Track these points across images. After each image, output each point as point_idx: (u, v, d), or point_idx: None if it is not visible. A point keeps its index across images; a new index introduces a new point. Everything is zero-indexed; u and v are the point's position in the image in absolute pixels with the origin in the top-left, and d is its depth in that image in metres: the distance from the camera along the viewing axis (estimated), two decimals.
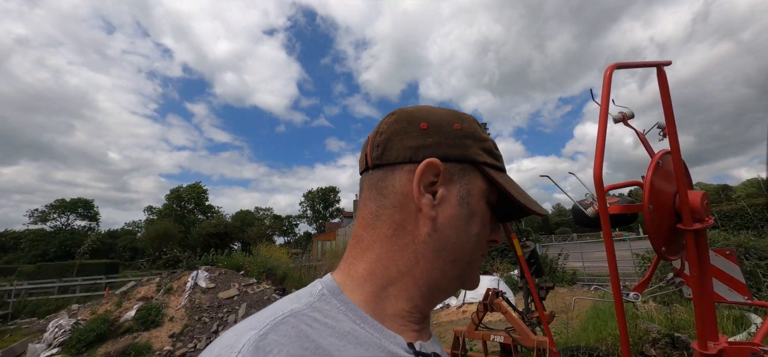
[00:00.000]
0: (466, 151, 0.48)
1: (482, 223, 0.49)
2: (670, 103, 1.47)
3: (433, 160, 0.45)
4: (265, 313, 0.40)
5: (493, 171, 0.50)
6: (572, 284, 11.26)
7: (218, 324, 8.26)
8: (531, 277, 3.28)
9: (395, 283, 0.46)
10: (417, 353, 0.44)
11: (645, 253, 8.15)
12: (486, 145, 0.51)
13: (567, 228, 56.42)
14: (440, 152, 0.47)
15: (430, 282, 0.47)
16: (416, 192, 0.45)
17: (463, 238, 0.47)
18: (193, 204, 59.02)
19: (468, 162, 0.48)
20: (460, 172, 0.48)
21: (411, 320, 0.47)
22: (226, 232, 44.58)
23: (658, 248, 1.52)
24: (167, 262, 24.02)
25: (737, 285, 2.08)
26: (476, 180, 0.49)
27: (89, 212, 55.38)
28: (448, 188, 0.47)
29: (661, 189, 1.53)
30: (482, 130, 0.53)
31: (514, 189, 0.51)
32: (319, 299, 0.43)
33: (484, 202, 0.49)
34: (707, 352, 1.54)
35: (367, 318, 0.43)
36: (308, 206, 72.43)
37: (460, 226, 0.47)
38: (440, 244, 0.46)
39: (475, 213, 0.48)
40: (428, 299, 0.48)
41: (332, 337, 0.38)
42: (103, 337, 7.52)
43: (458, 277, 0.49)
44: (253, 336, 0.35)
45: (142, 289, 9.42)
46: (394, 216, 0.47)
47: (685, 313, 4.47)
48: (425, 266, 0.46)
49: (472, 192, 0.48)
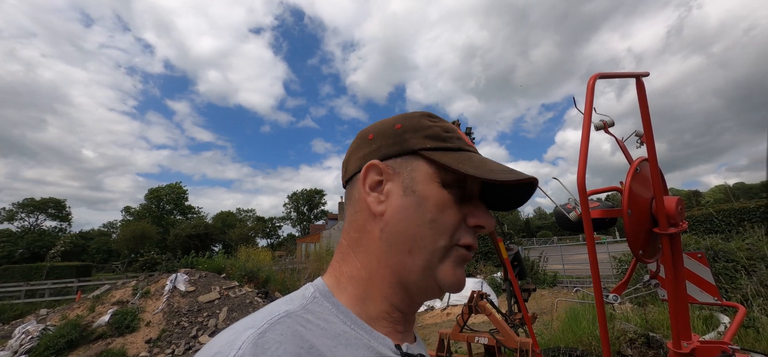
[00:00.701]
0: (406, 144, 0.50)
1: (437, 207, 0.47)
2: (647, 113, 1.54)
3: (371, 162, 0.50)
4: (261, 314, 0.41)
5: (437, 153, 0.49)
6: (553, 286, 11.53)
7: (198, 328, 8.03)
8: (515, 279, 3.34)
9: (371, 285, 0.49)
10: (404, 354, 0.46)
11: (622, 256, 8.43)
12: (430, 132, 0.51)
13: (548, 231, 57.78)
14: (381, 153, 0.51)
15: (397, 278, 0.48)
16: (362, 193, 0.50)
17: (414, 226, 0.47)
18: (173, 204, 57.32)
19: (408, 153, 0.50)
20: (403, 164, 0.50)
21: (393, 321, 0.49)
22: (207, 234, 43.46)
23: (635, 251, 1.58)
24: (144, 265, 23.21)
25: (708, 286, 2.18)
26: (420, 166, 0.49)
27: (60, 212, 52.96)
28: (393, 182, 0.49)
29: (639, 194, 1.60)
30: (431, 120, 0.53)
31: (471, 163, 0.48)
32: (312, 301, 0.46)
33: (435, 186, 0.48)
34: (681, 351, 1.61)
35: (356, 320, 0.46)
36: (292, 208, 71.54)
37: (410, 215, 0.47)
38: (393, 238, 0.48)
39: (425, 198, 0.47)
40: (402, 297, 0.49)
41: (324, 338, 0.41)
42: (74, 343, 7.18)
43: (424, 268, 0.47)
44: (252, 334, 0.37)
45: (117, 293, 9.07)
46: (358, 220, 0.51)
47: (659, 313, 4.65)
48: (387, 263, 0.48)
49: (416, 178, 0.48)
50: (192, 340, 7.59)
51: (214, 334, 7.85)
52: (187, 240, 39.11)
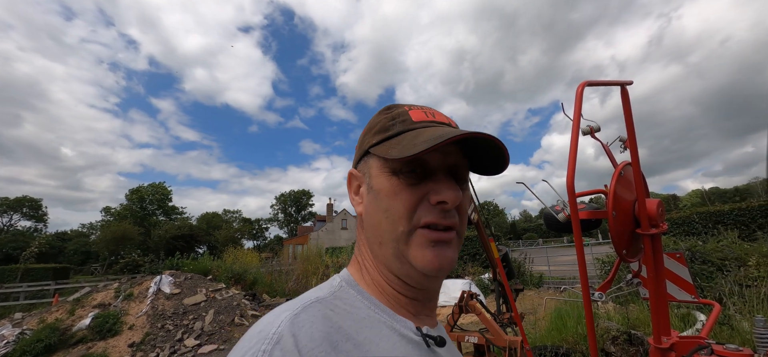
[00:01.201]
0: (363, 146, 0.57)
1: (389, 195, 0.50)
2: (631, 119, 1.61)
3: (350, 171, 0.60)
4: (296, 301, 0.48)
5: (378, 146, 0.53)
6: (539, 286, 11.76)
7: (183, 331, 7.86)
8: (506, 279, 3.42)
9: (375, 275, 0.55)
10: (424, 335, 0.50)
11: (605, 257, 8.68)
12: (378, 126, 0.56)
13: (534, 233, 58.78)
14: (354, 161, 0.60)
15: (385, 268, 0.54)
16: (350, 199, 0.59)
17: (376, 220, 0.52)
18: (156, 205, 55.86)
19: (365, 154, 0.57)
20: (364, 166, 0.57)
21: (403, 304, 0.54)
22: (192, 235, 42.52)
23: (619, 251, 1.66)
24: (125, 267, 22.54)
25: (686, 285, 2.29)
26: (373, 163, 0.55)
27: (36, 212, 51.00)
28: (363, 185, 0.56)
29: (623, 197, 1.67)
30: (385, 113, 0.58)
31: (397, 146, 0.50)
32: (339, 289, 0.52)
33: (385, 176, 0.52)
34: (661, 346, 1.69)
35: (380, 305, 0.51)
36: (280, 209, 70.70)
37: (372, 210, 0.53)
38: (369, 233, 0.55)
39: (378, 191, 0.52)
40: (399, 284, 0.53)
41: (350, 321, 0.46)
42: (52, 348, 6.92)
43: (395, 256, 0.51)
44: (289, 315, 0.43)
45: (98, 296, 8.80)
46: (357, 223, 0.60)
47: (640, 312, 4.82)
48: (374, 256, 0.55)
49: (371, 174, 0.54)
50: (177, 344, 7.42)
51: (200, 337, 7.71)
52: (171, 241, 38.18)
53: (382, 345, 0.45)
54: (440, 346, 0.51)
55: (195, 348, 7.26)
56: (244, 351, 0.40)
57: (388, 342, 0.46)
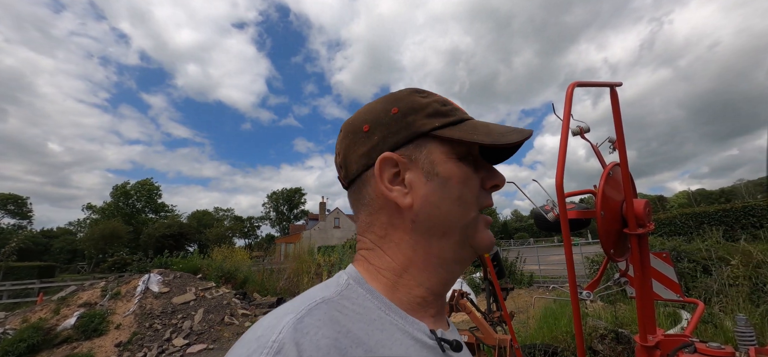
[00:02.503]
0: (412, 127, 0.49)
1: (461, 182, 0.48)
2: (620, 120, 1.63)
3: (384, 155, 0.48)
4: (300, 300, 0.43)
5: (447, 129, 0.49)
6: (529, 286, 11.88)
7: (172, 331, 7.76)
8: (496, 278, 3.44)
9: (404, 274, 0.49)
10: (439, 339, 0.46)
11: (594, 257, 8.81)
12: (430, 109, 0.50)
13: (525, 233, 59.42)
14: (389, 143, 0.49)
15: (436, 263, 0.49)
16: (385, 190, 0.48)
17: (445, 208, 0.48)
18: (144, 202, 54.97)
19: (419, 137, 0.49)
20: (417, 150, 0.49)
21: (426, 305, 0.49)
22: (182, 233, 41.96)
23: (607, 251, 1.68)
24: (113, 266, 22.14)
25: (671, 284, 2.33)
26: (435, 148, 0.49)
27: (20, 209, 49.80)
28: (412, 171, 0.48)
29: (611, 197, 1.69)
30: (423, 96, 0.52)
31: (479, 133, 0.49)
32: (347, 288, 0.46)
33: (453, 162, 0.49)
34: (647, 344, 1.72)
35: (391, 305, 0.46)
36: (272, 208, 70.23)
37: (438, 199, 0.48)
38: (427, 225, 0.48)
39: (448, 178, 0.48)
40: (440, 279, 0.50)
41: (361, 323, 0.42)
42: (36, 348, 6.77)
43: (460, 243, 0.49)
44: (291, 319, 0.38)
45: (84, 295, 8.62)
46: (381, 219, 0.50)
47: (628, 310, 4.90)
48: (424, 251, 0.48)
49: (435, 161, 0.48)
50: (165, 343, 7.32)
51: (189, 337, 7.62)
52: (161, 240, 37.62)
53: (394, 349, 0.41)
54: (456, 350, 0.47)
55: (184, 347, 7.17)
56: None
57: (401, 346, 0.42)
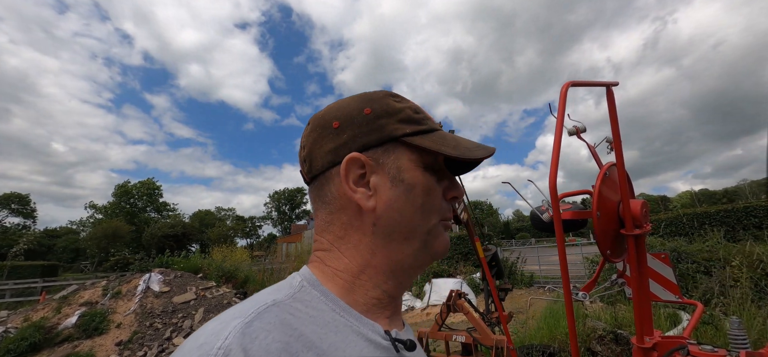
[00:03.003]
0: (383, 131, 0.48)
1: (424, 191, 0.49)
2: (616, 120, 1.62)
3: (352, 156, 0.47)
4: (248, 303, 0.41)
5: (417, 137, 0.49)
6: (529, 286, 11.84)
7: (172, 330, 7.77)
8: (492, 278, 3.43)
9: (361, 275, 0.48)
10: (393, 340, 0.46)
11: (594, 257, 8.77)
12: (403, 115, 0.50)
13: (526, 233, 59.24)
14: (358, 144, 0.48)
15: (393, 267, 0.49)
16: (349, 190, 0.47)
17: (408, 215, 0.48)
18: (145, 201, 55.17)
19: (389, 141, 0.48)
20: (385, 154, 0.48)
21: (382, 307, 0.49)
22: (184, 233, 42.07)
23: (603, 251, 1.67)
24: (115, 265, 22.23)
25: (670, 285, 2.31)
26: (403, 154, 0.48)
27: (25, 208, 50.07)
28: (378, 174, 0.47)
29: (608, 197, 1.68)
30: (397, 100, 0.51)
31: (448, 144, 0.49)
32: (300, 290, 0.45)
33: (420, 171, 0.49)
34: (644, 346, 1.70)
35: (346, 307, 0.45)
36: (273, 207, 70.37)
37: (401, 205, 0.47)
38: (388, 229, 0.48)
39: (412, 186, 0.48)
40: (396, 282, 0.50)
41: (314, 325, 0.40)
42: (37, 346, 6.81)
43: (420, 249, 0.50)
44: (239, 323, 0.36)
45: (85, 294, 8.66)
46: (341, 218, 0.49)
47: (628, 311, 4.88)
48: (382, 254, 0.48)
49: (402, 167, 0.48)
50: (166, 342, 7.34)
51: (189, 336, 7.64)
52: (163, 239, 37.74)
53: (348, 352, 0.40)
54: (410, 350, 0.47)
55: None
56: None
57: (355, 348, 0.41)
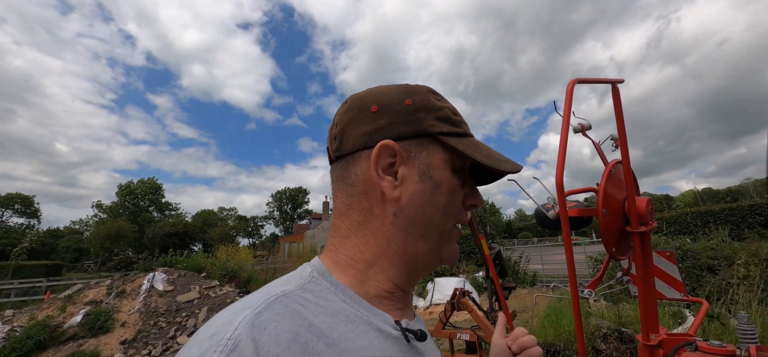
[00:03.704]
0: (420, 124, 0.48)
1: (449, 192, 0.48)
2: (622, 118, 1.62)
3: (386, 143, 0.46)
4: (258, 294, 0.41)
5: (452, 138, 0.49)
6: (533, 285, 11.82)
7: (176, 329, 7.82)
8: (497, 277, 3.43)
9: (374, 266, 0.48)
10: (404, 330, 0.45)
11: (598, 255, 8.75)
12: (442, 114, 0.50)
13: (529, 233, 59.10)
14: (394, 132, 0.47)
15: (406, 260, 0.48)
16: (375, 176, 0.46)
17: (429, 212, 0.47)
18: (148, 201, 55.45)
19: (424, 136, 0.48)
20: (418, 148, 0.48)
21: (394, 299, 0.49)
22: (187, 233, 42.21)
23: (609, 249, 1.67)
24: (119, 264, 22.36)
25: (675, 283, 2.31)
26: (436, 151, 0.48)
27: (28, 208, 50.39)
28: (407, 166, 0.47)
29: (613, 195, 1.68)
30: (437, 98, 0.51)
31: (480, 152, 0.50)
32: (310, 281, 0.45)
33: (448, 172, 0.49)
34: (649, 344, 1.70)
35: (356, 298, 0.45)
36: (276, 207, 70.50)
37: (425, 201, 0.47)
38: (408, 223, 0.47)
39: (439, 185, 0.48)
40: (407, 277, 0.50)
41: (324, 316, 0.40)
42: (43, 345, 6.86)
43: (432, 250, 0.49)
44: (249, 314, 0.36)
45: (90, 293, 8.71)
46: (362, 203, 0.48)
47: (632, 310, 4.87)
48: (397, 246, 0.48)
49: (433, 164, 0.48)
50: (170, 341, 7.38)
51: (193, 334, 7.67)
52: (165, 238, 37.90)
53: (359, 342, 0.40)
54: (420, 340, 0.46)
55: None
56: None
57: (365, 338, 0.41)
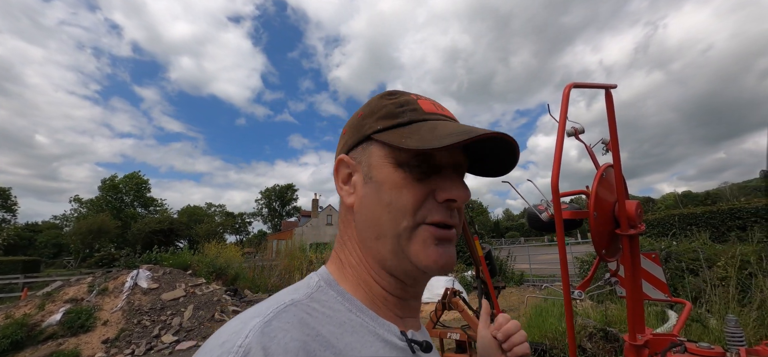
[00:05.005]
0: (362, 131, 0.50)
1: (394, 188, 0.46)
2: (614, 122, 1.65)
3: (339, 157, 0.52)
4: (267, 303, 0.42)
5: (385, 133, 0.47)
6: (520, 284, 12.00)
7: (161, 327, 7.65)
8: (489, 276, 3.46)
9: (359, 270, 0.50)
10: (409, 340, 0.46)
11: (584, 256, 8.93)
12: (383, 112, 0.49)
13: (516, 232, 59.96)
14: (347, 146, 0.52)
15: (378, 264, 0.49)
16: (338, 188, 0.52)
17: (376, 213, 0.47)
18: (132, 196, 54.08)
19: (364, 140, 0.50)
20: (362, 153, 0.50)
21: (391, 305, 0.49)
22: (172, 229, 41.36)
23: (599, 251, 1.70)
24: (100, 261, 21.75)
25: (660, 284, 2.37)
26: (374, 151, 0.48)
27: (5, 202, 48.55)
28: (357, 173, 0.50)
29: (604, 198, 1.71)
30: (389, 98, 0.51)
31: (413, 137, 0.45)
32: (317, 290, 0.46)
33: (389, 168, 0.47)
34: (636, 343, 1.74)
35: (362, 307, 0.47)
36: (264, 204, 69.70)
37: (370, 202, 0.48)
38: (363, 226, 0.49)
39: (381, 183, 0.47)
40: (391, 281, 0.49)
41: (330, 325, 0.41)
42: (20, 344, 6.63)
43: (393, 252, 0.46)
44: (258, 322, 0.37)
45: (70, 290, 8.45)
46: (341, 215, 0.54)
47: (616, 310, 4.99)
48: (365, 252, 0.50)
49: (372, 164, 0.48)
50: (154, 340, 7.22)
51: (178, 333, 7.53)
52: (150, 235, 37.04)
53: (364, 352, 0.41)
54: (426, 351, 0.47)
55: (173, 344, 7.08)
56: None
57: (371, 348, 0.42)
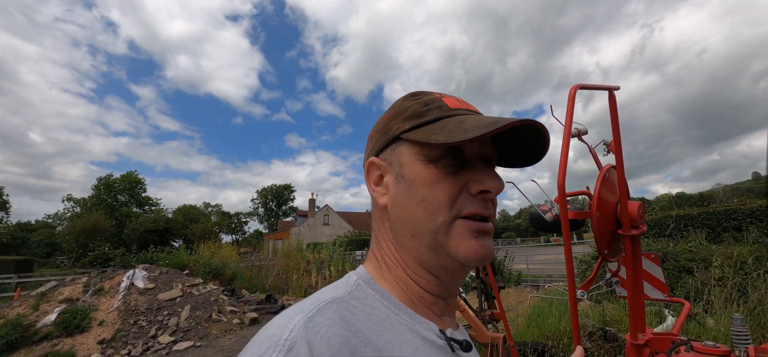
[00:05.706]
0: (390, 132, 0.52)
1: (427, 184, 0.47)
2: (617, 123, 1.67)
3: (370, 160, 0.54)
4: (310, 301, 0.44)
5: (413, 131, 0.49)
6: (517, 284, 12.05)
7: (157, 327, 7.60)
8: (493, 276, 3.48)
9: (395, 269, 0.51)
10: (449, 339, 0.47)
11: (581, 257, 8.98)
12: (409, 112, 0.51)
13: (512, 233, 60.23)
14: (377, 148, 0.54)
15: (415, 262, 0.49)
16: (370, 190, 0.54)
17: (410, 211, 0.48)
18: (127, 195, 53.64)
19: (393, 141, 0.52)
20: (392, 153, 0.51)
21: (429, 304, 0.50)
22: (167, 229, 41.09)
23: (601, 251, 1.71)
24: (94, 260, 21.56)
25: (659, 284, 2.39)
26: (404, 150, 0.50)
27: None
28: (389, 174, 0.51)
29: (606, 199, 1.72)
30: (412, 99, 0.53)
31: (442, 132, 0.45)
32: (356, 288, 0.48)
33: (420, 165, 0.48)
34: (637, 343, 1.76)
35: (400, 305, 0.47)
36: (260, 204, 69.44)
37: (404, 201, 0.49)
38: (397, 225, 0.50)
39: (413, 180, 0.48)
40: (429, 279, 0.49)
41: (370, 322, 0.43)
42: (14, 345, 6.56)
43: (431, 248, 0.47)
44: (302, 318, 0.39)
45: (65, 290, 8.37)
46: (374, 215, 0.56)
47: (615, 309, 5.03)
48: (401, 251, 0.51)
49: (402, 163, 0.50)
50: (151, 340, 7.17)
51: (175, 333, 7.48)
52: (145, 234, 36.77)
53: (403, 349, 0.41)
54: (466, 350, 0.47)
55: (170, 345, 7.04)
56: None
57: (410, 346, 0.42)
